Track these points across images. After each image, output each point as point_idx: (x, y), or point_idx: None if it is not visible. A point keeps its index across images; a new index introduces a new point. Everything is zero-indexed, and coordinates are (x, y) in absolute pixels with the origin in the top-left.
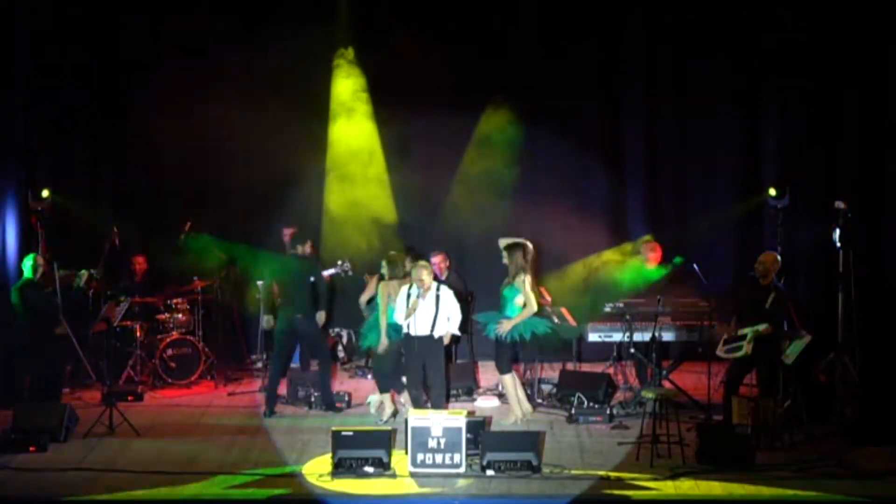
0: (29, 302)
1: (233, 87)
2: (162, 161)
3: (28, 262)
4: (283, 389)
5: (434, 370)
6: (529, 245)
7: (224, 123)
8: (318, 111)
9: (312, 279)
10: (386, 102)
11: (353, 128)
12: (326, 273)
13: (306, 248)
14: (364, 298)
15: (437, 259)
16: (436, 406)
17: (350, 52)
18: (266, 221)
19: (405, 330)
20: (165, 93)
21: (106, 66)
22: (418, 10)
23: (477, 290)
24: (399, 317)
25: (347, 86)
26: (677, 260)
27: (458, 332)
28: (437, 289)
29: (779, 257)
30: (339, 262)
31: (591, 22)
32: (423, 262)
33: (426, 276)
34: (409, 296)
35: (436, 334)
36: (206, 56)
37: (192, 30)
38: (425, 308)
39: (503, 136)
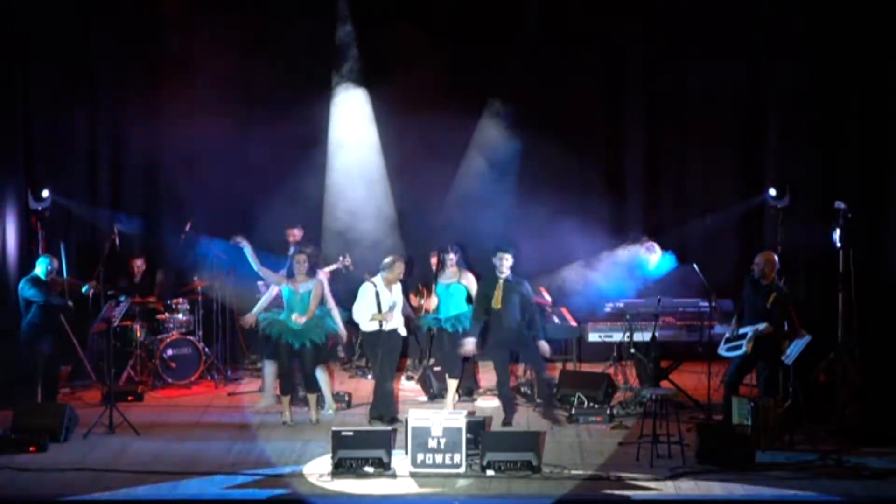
0: (32, 294)
1: (233, 87)
2: (162, 161)
3: (42, 263)
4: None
5: (395, 362)
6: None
7: (224, 123)
8: (318, 111)
9: None
10: (386, 104)
11: (353, 129)
12: (328, 269)
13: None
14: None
15: (436, 259)
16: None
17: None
18: (266, 222)
19: (374, 328)
20: (165, 92)
21: (106, 66)
22: (418, 12)
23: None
24: (368, 314)
25: (347, 87)
26: None
27: (404, 332)
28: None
29: (775, 257)
30: (341, 258)
31: (591, 23)
32: (399, 259)
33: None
34: (377, 294)
35: (400, 327)
36: (206, 56)
37: (193, 30)
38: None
39: (503, 137)
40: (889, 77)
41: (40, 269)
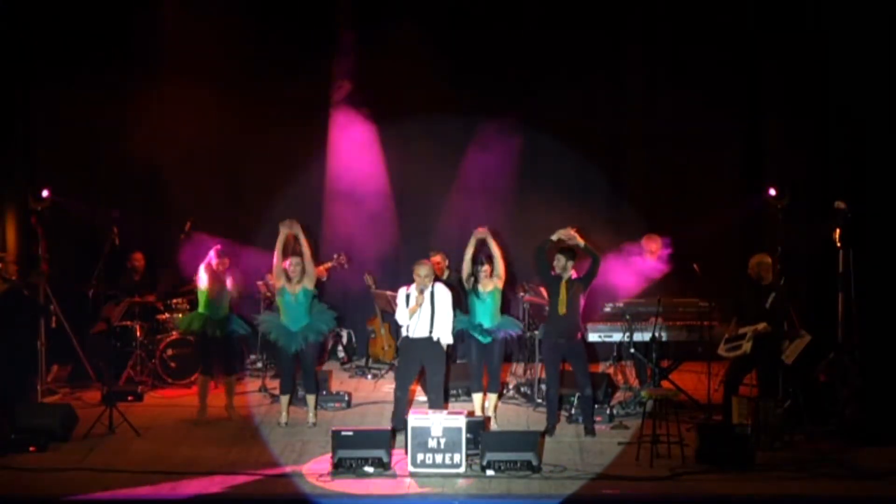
0: None
1: (233, 86)
2: (162, 160)
3: None
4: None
5: (434, 374)
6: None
7: (224, 122)
8: (319, 112)
9: None
10: (387, 105)
11: (353, 129)
12: (324, 266)
13: None
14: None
15: (436, 259)
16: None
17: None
18: (266, 221)
19: (403, 332)
20: (165, 91)
21: (106, 65)
22: (420, 13)
23: None
24: (401, 317)
25: (348, 87)
26: None
27: (450, 340)
28: (433, 288)
29: (768, 259)
30: (336, 255)
31: (591, 23)
32: (425, 260)
33: (428, 273)
34: (407, 296)
35: (434, 336)
36: (206, 55)
37: (192, 28)
38: (423, 308)
39: (503, 138)
40: (889, 76)
41: None
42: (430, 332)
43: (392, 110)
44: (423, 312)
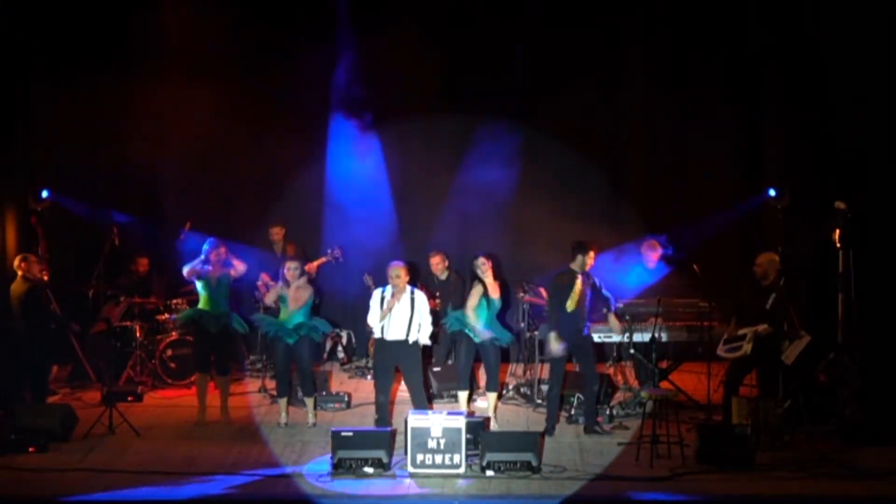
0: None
1: (232, 86)
2: (161, 160)
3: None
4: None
5: (412, 375)
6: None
7: (223, 122)
8: (318, 112)
9: None
10: (387, 105)
11: (353, 129)
12: (317, 262)
13: None
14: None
15: (435, 259)
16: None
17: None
18: (267, 222)
19: (377, 334)
20: (165, 91)
21: (105, 66)
22: (420, 13)
23: None
24: (373, 319)
25: (348, 87)
26: None
27: (428, 342)
28: (412, 292)
29: (776, 258)
30: (330, 250)
31: (591, 23)
32: (398, 262)
33: (403, 276)
34: (382, 298)
35: (411, 339)
36: (205, 55)
37: (192, 28)
38: (400, 311)
39: (502, 138)
40: (889, 76)
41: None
42: (407, 335)
43: (392, 110)
44: (401, 315)
